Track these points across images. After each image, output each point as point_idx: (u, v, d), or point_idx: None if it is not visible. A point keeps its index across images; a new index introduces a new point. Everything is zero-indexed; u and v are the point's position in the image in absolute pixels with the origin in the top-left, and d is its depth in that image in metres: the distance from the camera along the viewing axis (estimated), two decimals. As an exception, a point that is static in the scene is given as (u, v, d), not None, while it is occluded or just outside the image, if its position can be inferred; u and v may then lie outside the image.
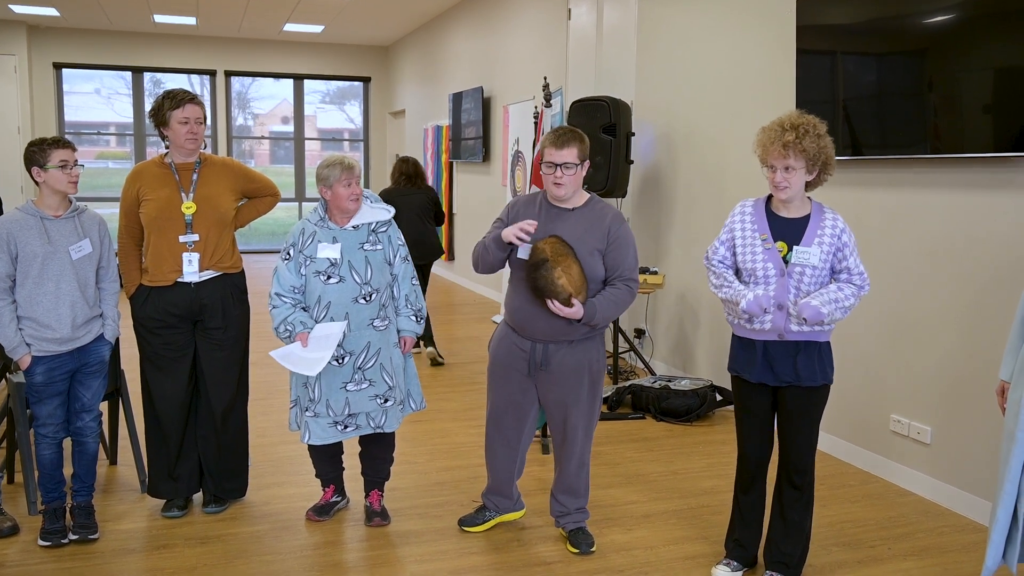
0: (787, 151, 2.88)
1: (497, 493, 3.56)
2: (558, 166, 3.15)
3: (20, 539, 3.44)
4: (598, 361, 3.32)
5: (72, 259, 3.31)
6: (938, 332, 3.98)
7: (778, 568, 3.12)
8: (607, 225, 3.20)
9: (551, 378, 3.28)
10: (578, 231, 3.19)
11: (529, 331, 3.26)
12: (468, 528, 3.57)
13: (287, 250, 3.46)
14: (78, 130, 13.48)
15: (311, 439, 3.43)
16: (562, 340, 3.24)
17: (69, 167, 3.27)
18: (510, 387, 3.35)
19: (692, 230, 5.87)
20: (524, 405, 3.37)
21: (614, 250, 3.20)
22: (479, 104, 9.68)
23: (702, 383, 5.35)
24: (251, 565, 3.27)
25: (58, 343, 3.29)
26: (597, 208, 3.26)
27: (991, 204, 3.71)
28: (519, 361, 3.31)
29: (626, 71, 6.67)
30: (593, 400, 3.34)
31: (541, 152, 3.23)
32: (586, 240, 3.18)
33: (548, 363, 3.26)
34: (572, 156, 3.15)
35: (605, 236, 3.19)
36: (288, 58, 13.96)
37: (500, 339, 3.38)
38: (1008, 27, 3.51)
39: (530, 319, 3.23)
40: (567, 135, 3.17)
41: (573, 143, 3.16)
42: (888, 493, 4.10)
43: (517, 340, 3.31)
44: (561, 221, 3.22)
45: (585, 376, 3.29)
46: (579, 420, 3.32)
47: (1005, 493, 2.69)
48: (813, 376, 2.99)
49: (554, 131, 3.21)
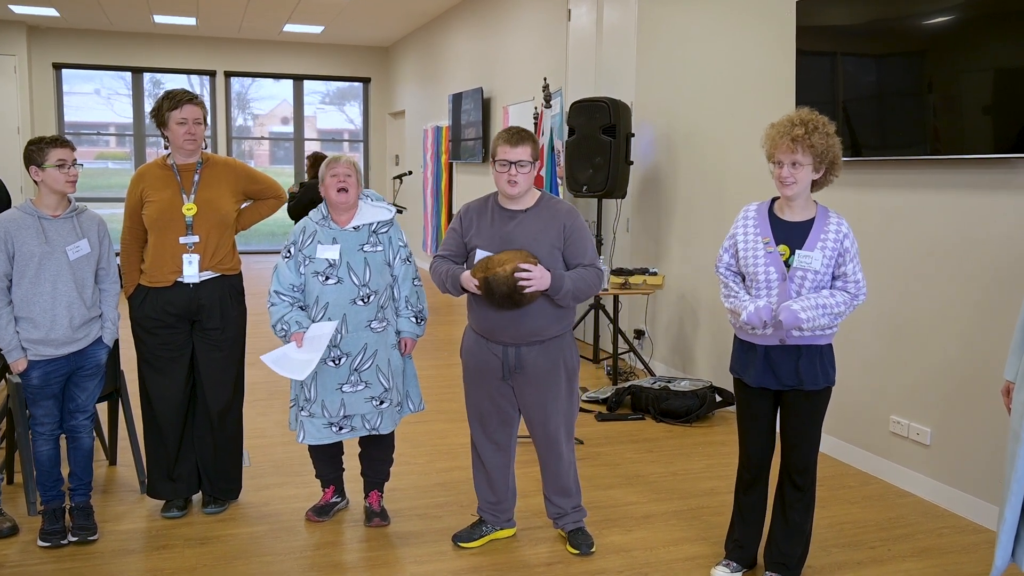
0: (796, 145, 2.87)
1: (494, 502, 3.47)
2: (512, 164, 3.15)
3: (20, 540, 3.44)
4: (572, 358, 3.31)
5: (69, 259, 3.30)
6: (938, 333, 3.98)
7: (778, 569, 3.12)
8: (561, 222, 3.20)
9: (527, 380, 3.25)
10: (533, 231, 3.18)
11: (498, 336, 3.23)
12: (463, 544, 3.47)
13: (288, 248, 3.46)
14: (78, 130, 13.48)
15: (306, 439, 3.43)
16: (533, 341, 3.22)
17: (67, 166, 3.26)
18: (490, 391, 3.32)
19: (692, 231, 5.87)
20: (506, 408, 3.34)
21: (572, 244, 3.20)
22: (479, 105, 9.69)
23: (702, 384, 5.35)
24: (251, 566, 3.27)
25: (55, 346, 3.28)
26: (550, 205, 3.24)
27: (991, 205, 3.71)
28: (493, 367, 3.27)
29: (626, 72, 6.67)
30: (571, 397, 3.33)
31: (492, 152, 3.21)
32: (542, 239, 3.17)
33: (522, 366, 3.23)
34: (526, 154, 3.16)
35: (561, 232, 3.19)
36: (288, 59, 13.96)
37: (470, 347, 3.35)
38: (1008, 28, 3.51)
39: (498, 324, 3.20)
40: (520, 133, 3.18)
41: (527, 142, 3.17)
42: (888, 494, 4.10)
43: (488, 346, 3.27)
44: (514, 223, 3.20)
45: (561, 374, 3.27)
46: (560, 420, 3.30)
47: (1012, 493, 2.68)
48: (815, 379, 2.98)
49: (506, 130, 3.21)
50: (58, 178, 3.25)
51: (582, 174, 6.18)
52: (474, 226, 3.27)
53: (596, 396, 5.57)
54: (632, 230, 6.66)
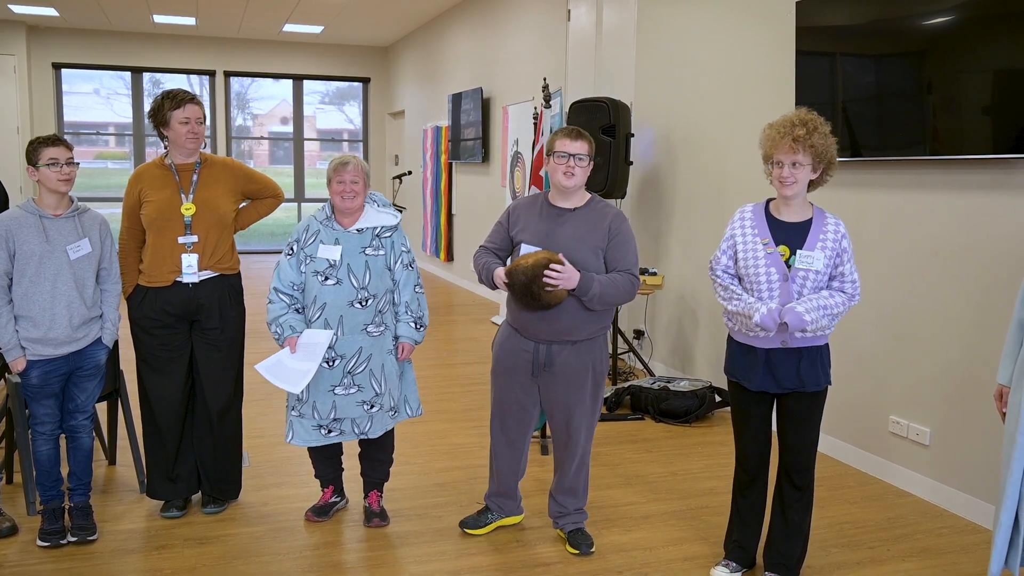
0: (797, 145, 2.87)
1: (501, 494, 3.56)
2: (571, 155, 3.19)
3: (19, 539, 3.44)
4: (601, 362, 3.32)
5: (70, 259, 3.30)
6: (937, 333, 3.98)
7: (777, 569, 3.12)
8: (608, 224, 3.22)
9: (555, 379, 3.27)
10: (580, 231, 3.20)
11: (532, 332, 3.26)
12: (470, 530, 3.55)
13: (291, 245, 3.46)
14: (77, 130, 13.47)
15: (294, 439, 3.43)
16: (565, 341, 3.24)
17: (59, 165, 3.25)
18: (514, 388, 3.35)
19: (691, 231, 5.87)
20: (527, 406, 3.37)
21: (614, 247, 3.21)
22: (478, 105, 9.68)
23: (701, 384, 5.35)
24: (250, 566, 3.27)
25: (54, 346, 3.28)
26: (598, 208, 3.27)
27: (990, 205, 3.71)
28: (523, 362, 3.31)
29: (625, 72, 6.67)
30: (595, 401, 3.34)
31: (549, 147, 3.25)
32: (587, 239, 3.19)
33: (552, 364, 3.26)
34: (584, 149, 3.21)
35: (606, 234, 3.21)
36: (287, 58, 13.95)
37: (503, 340, 3.38)
38: (1007, 29, 3.51)
39: (533, 320, 3.23)
40: (579, 131, 3.25)
41: (585, 139, 3.24)
42: (887, 494, 4.10)
43: (520, 341, 3.31)
44: (562, 221, 3.23)
45: (588, 377, 3.28)
46: (582, 421, 3.32)
47: (1007, 497, 2.67)
48: (817, 380, 2.98)
49: (564, 127, 3.27)
50: (50, 177, 3.24)
51: (582, 174, 6.17)
52: (521, 221, 3.31)
53: (595, 396, 5.56)
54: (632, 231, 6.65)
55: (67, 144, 3.31)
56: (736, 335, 3.08)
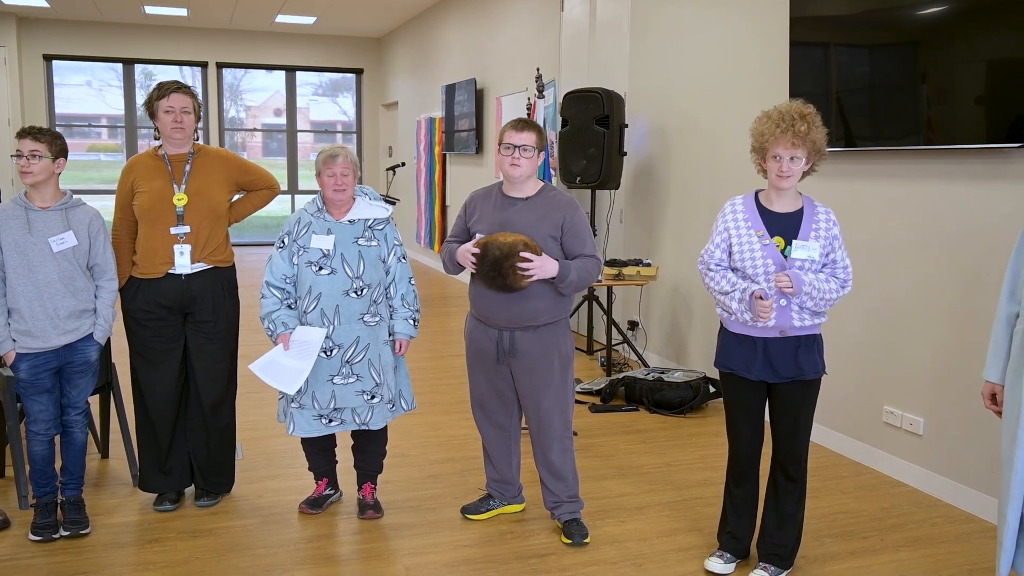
0: (798, 140, 2.88)
1: (499, 480, 3.60)
2: (516, 147, 3.26)
3: (11, 533, 3.42)
4: (566, 345, 3.38)
5: (52, 251, 3.28)
6: (931, 323, 3.98)
7: (771, 560, 3.12)
8: (561, 213, 3.29)
9: (520, 365, 3.33)
10: (531, 219, 3.27)
11: (493, 320, 3.33)
12: (471, 516, 3.60)
13: (282, 238, 3.45)
14: (69, 122, 13.40)
15: (295, 431, 3.43)
16: (527, 326, 3.30)
17: (22, 157, 3.21)
18: (488, 374, 3.43)
19: (686, 222, 5.86)
20: (503, 389, 3.43)
21: (571, 236, 3.29)
22: (472, 96, 9.65)
23: (695, 375, 5.35)
24: (243, 558, 3.26)
25: (41, 339, 3.27)
26: (550, 196, 3.34)
27: (984, 195, 3.71)
28: (490, 350, 3.37)
29: (619, 62, 6.65)
30: (565, 384, 3.38)
31: (499, 139, 3.34)
32: (540, 227, 3.26)
33: (516, 350, 3.31)
34: (530, 140, 3.27)
35: (559, 225, 3.28)
36: (280, 50, 13.89)
37: (471, 330, 3.47)
38: (1000, 18, 3.50)
39: (493, 308, 3.30)
40: (526, 122, 3.32)
41: (531, 129, 3.30)
42: (881, 484, 4.11)
43: (485, 329, 3.38)
44: (515, 211, 3.31)
45: (555, 360, 3.34)
46: (553, 404, 3.36)
47: (1013, 497, 2.61)
48: (815, 368, 3.00)
49: (513, 120, 3.36)
50: (19, 169, 3.24)
51: (575, 165, 6.17)
52: (478, 211, 3.39)
53: (590, 387, 5.57)
54: (626, 221, 6.65)
55: (37, 136, 3.24)
56: (733, 327, 3.06)
